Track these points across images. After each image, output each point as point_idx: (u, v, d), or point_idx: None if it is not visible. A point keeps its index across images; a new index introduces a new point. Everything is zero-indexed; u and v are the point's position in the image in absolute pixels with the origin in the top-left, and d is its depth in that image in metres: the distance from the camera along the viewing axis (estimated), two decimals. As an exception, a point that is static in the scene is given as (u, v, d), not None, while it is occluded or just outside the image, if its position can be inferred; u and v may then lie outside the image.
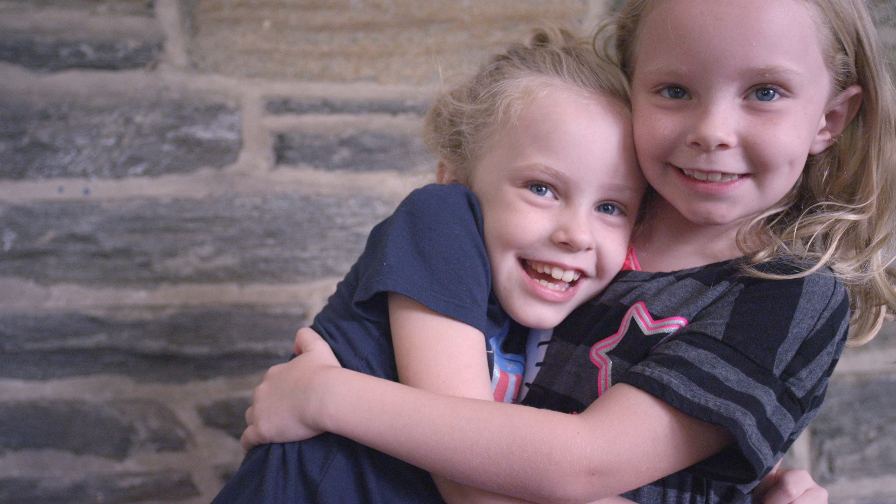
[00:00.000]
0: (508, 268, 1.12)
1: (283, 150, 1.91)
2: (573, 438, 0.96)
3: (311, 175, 1.92)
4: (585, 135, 1.10)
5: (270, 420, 1.07)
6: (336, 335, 1.13)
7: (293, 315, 1.93)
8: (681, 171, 1.08)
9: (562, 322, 1.15)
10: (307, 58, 1.91)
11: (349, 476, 1.04)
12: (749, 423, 0.95)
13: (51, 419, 1.89)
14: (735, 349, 0.99)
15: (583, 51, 1.18)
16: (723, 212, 1.07)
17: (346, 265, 1.67)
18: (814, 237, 1.07)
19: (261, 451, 1.09)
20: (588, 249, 1.11)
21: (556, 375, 1.13)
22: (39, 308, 1.88)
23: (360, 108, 1.92)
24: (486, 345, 1.10)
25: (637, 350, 1.06)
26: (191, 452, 1.93)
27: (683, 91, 1.06)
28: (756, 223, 1.12)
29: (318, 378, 1.06)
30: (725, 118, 1.02)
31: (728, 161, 1.04)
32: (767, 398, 0.98)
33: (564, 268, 1.11)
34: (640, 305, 1.09)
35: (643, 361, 1.02)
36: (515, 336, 1.21)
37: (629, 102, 1.13)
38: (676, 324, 1.05)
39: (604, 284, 1.16)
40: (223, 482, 1.81)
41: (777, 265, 1.04)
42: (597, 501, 0.99)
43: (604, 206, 1.14)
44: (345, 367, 1.10)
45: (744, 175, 1.05)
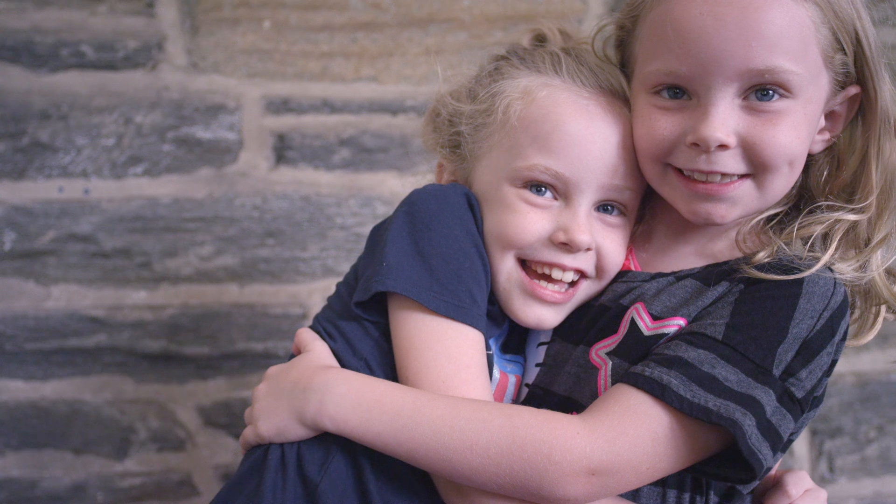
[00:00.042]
0: (508, 268, 1.12)
1: (283, 150, 1.91)
2: (573, 438, 0.96)
3: (311, 175, 1.92)
4: (585, 135, 1.09)
5: (269, 420, 1.07)
6: (335, 335, 1.13)
7: (293, 315, 1.92)
8: (680, 172, 1.08)
9: (561, 322, 1.15)
10: (307, 58, 1.91)
11: (348, 476, 1.04)
12: (749, 424, 0.95)
13: (51, 419, 1.89)
14: (735, 349, 0.99)
15: (582, 51, 1.18)
16: (722, 212, 1.07)
17: (346, 265, 1.67)
18: (813, 237, 1.07)
19: (259, 452, 1.09)
20: (588, 250, 1.11)
21: (556, 376, 1.13)
22: (39, 308, 1.88)
23: (360, 108, 1.92)
24: (486, 345, 1.10)
25: (637, 350, 1.06)
26: (191, 452, 1.93)
27: (683, 92, 1.06)
28: (756, 223, 1.11)
29: (318, 378, 1.06)
30: (725, 119, 1.02)
31: (728, 162, 1.04)
32: (767, 398, 0.98)
33: (564, 268, 1.11)
34: (640, 306, 1.09)
35: (643, 362, 1.02)
36: (515, 336, 1.21)
37: (628, 103, 1.13)
38: (676, 324, 1.05)
39: (603, 285, 1.16)
40: (223, 482, 1.80)
41: (777, 265, 1.04)
42: (596, 502, 0.99)
43: (603, 207, 1.14)
44: (344, 368, 1.10)
45: (743, 176, 1.05)
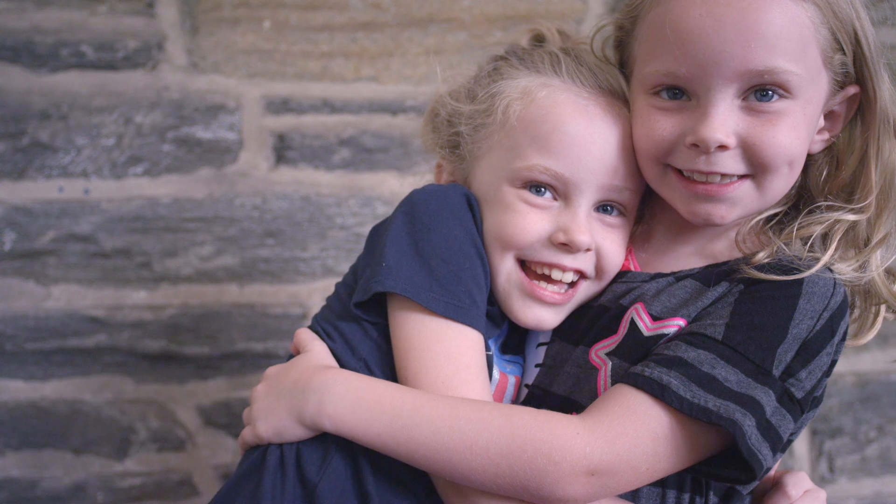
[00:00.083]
0: (507, 269, 1.12)
1: (283, 150, 1.91)
2: (573, 439, 0.96)
3: (311, 175, 1.92)
4: (585, 135, 1.09)
5: (268, 421, 1.07)
6: (334, 336, 1.13)
7: (293, 315, 1.92)
8: (680, 173, 1.08)
9: (561, 323, 1.15)
10: (307, 58, 1.91)
11: (347, 477, 1.04)
12: (749, 424, 0.95)
13: (51, 419, 1.89)
14: (735, 350, 0.99)
15: (581, 51, 1.17)
16: (722, 213, 1.07)
17: (346, 265, 1.67)
18: (813, 237, 1.07)
19: (258, 452, 1.09)
20: (587, 250, 1.11)
21: (556, 376, 1.13)
22: (39, 308, 1.88)
23: (360, 108, 1.92)
24: (486, 346, 1.10)
25: (636, 351, 1.06)
26: (191, 452, 1.93)
27: (682, 92, 1.05)
28: (755, 224, 1.11)
29: (317, 378, 1.06)
30: (724, 120, 1.02)
31: (727, 162, 1.04)
32: (767, 399, 0.97)
33: (564, 269, 1.11)
34: (640, 306, 1.09)
35: (643, 362, 1.02)
36: (514, 337, 1.21)
37: (628, 103, 1.13)
38: (676, 324, 1.05)
39: (603, 285, 1.16)
40: (223, 482, 1.81)
41: (776, 266, 1.03)
42: (596, 502, 0.99)
43: (603, 207, 1.14)
44: (343, 368, 1.10)
45: (743, 176, 1.05)
